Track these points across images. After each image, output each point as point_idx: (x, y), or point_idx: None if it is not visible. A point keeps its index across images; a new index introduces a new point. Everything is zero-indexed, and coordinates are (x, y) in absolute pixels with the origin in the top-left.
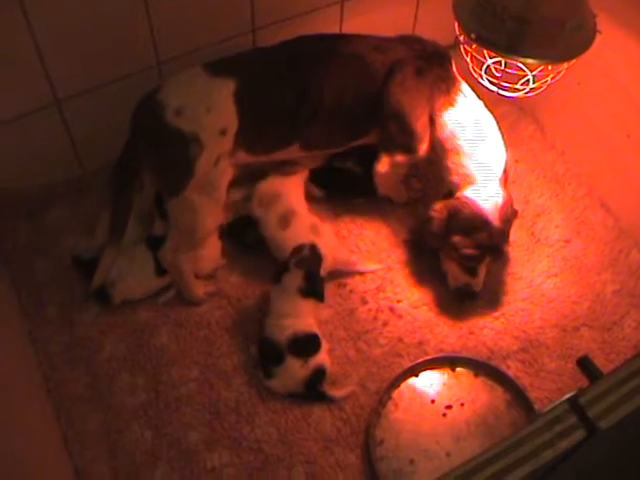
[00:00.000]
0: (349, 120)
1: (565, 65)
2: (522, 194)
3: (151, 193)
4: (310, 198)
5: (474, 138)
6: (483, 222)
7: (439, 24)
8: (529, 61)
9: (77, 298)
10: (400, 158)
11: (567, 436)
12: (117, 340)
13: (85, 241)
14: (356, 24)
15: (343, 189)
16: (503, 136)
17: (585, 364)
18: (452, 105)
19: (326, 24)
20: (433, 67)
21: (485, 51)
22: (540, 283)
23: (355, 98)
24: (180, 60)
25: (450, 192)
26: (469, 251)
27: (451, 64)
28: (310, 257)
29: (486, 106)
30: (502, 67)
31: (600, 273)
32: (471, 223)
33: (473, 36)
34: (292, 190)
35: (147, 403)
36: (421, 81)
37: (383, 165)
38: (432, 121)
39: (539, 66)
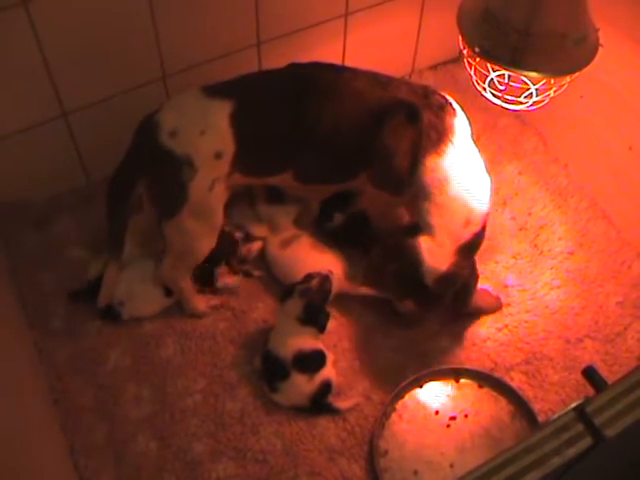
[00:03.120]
0: (340, 155)
1: (568, 78)
2: (525, 206)
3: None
4: None
5: (450, 193)
6: (417, 280)
7: (443, 37)
8: (532, 74)
9: (82, 309)
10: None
11: (574, 444)
12: (122, 351)
13: (95, 265)
14: (359, 37)
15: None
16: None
17: (590, 374)
18: (438, 154)
19: (330, 37)
20: (428, 113)
21: (488, 64)
22: (543, 295)
23: (348, 132)
24: (186, 73)
25: (416, 227)
26: (392, 290)
27: (448, 114)
28: (316, 290)
29: (486, 167)
30: (505, 80)
31: (603, 285)
32: (407, 272)
33: (477, 49)
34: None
35: (152, 414)
36: (414, 126)
37: None
38: (415, 166)
39: (542, 79)
